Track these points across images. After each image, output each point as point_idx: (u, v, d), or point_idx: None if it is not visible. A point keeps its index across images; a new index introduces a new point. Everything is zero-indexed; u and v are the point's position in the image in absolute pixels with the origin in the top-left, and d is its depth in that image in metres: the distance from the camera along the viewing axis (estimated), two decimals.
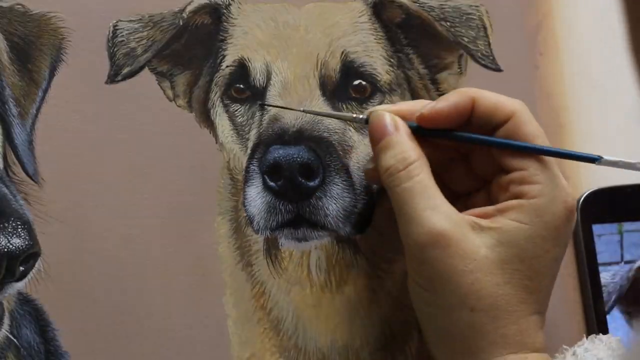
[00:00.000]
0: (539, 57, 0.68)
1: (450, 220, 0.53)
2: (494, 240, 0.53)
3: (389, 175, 0.54)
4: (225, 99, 0.61)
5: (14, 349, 0.55)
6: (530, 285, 0.53)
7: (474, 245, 0.53)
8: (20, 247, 0.49)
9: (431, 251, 0.52)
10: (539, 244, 0.53)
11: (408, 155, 0.54)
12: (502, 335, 0.53)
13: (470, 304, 0.52)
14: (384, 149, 0.55)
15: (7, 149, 0.56)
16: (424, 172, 0.54)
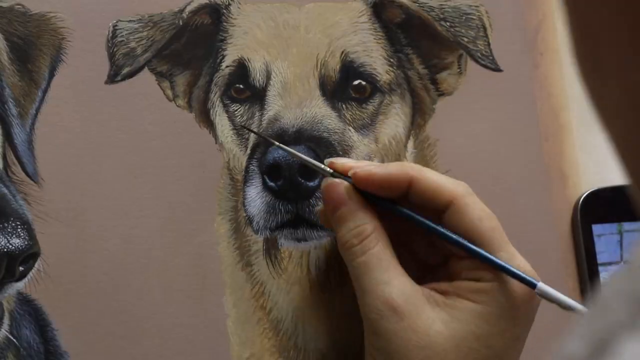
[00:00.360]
0: (539, 57, 0.68)
1: (404, 294, 0.52)
2: (449, 317, 0.52)
3: (345, 250, 0.54)
4: (225, 99, 0.61)
5: (14, 349, 0.55)
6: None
7: (429, 321, 0.52)
8: (20, 247, 0.49)
9: (385, 324, 0.52)
10: (494, 323, 0.52)
11: (363, 229, 0.53)
12: None
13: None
14: (339, 221, 0.54)
15: (7, 148, 0.56)
16: (379, 244, 0.53)
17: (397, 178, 0.54)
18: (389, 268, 0.53)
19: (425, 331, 0.52)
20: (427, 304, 0.53)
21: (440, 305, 0.53)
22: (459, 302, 0.53)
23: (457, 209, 0.53)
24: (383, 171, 0.54)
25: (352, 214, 0.54)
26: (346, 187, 0.54)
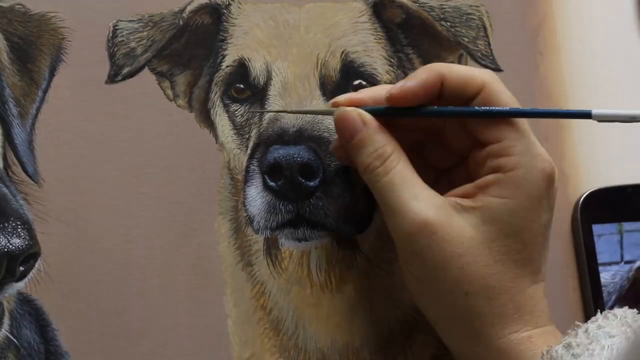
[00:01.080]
0: (539, 57, 0.68)
1: (433, 207, 0.53)
2: (478, 219, 0.53)
3: (368, 173, 0.55)
4: (225, 98, 0.61)
5: (14, 349, 0.55)
6: (521, 258, 0.53)
7: (460, 228, 0.53)
8: (20, 247, 0.49)
9: (418, 240, 0.53)
10: (523, 216, 0.53)
11: (383, 151, 0.54)
12: (499, 315, 0.53)
13: (463, 288, 0.52)
14: (358, 147, 0.55)
15: (7, 149, 0.56)
16: (400, 162, 0.54)
17: (432, 81, 0.54)
18: (414, 184, 0.54)
19: (458, 240, 0.52)
20: (455, 213, 0.53)
21: (467, 211, 0.53)
22: (486, 200, 0.53)
23: (489, 91, 0.54)
24: (416, 81, 0.55)
25: (370, 138, 0.54)
26: (359, 114, 0.55)
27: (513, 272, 0.53)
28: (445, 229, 0.52)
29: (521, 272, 0.53)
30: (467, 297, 0.53)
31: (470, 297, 0.53)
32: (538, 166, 0.54)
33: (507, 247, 0.53)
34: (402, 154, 0.55)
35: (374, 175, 0.54)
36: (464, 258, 0.52)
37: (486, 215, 0.53)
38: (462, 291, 0.53)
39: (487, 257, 0.53)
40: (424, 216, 0.52)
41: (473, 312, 0.53)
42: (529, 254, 0.54)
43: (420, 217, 0.52)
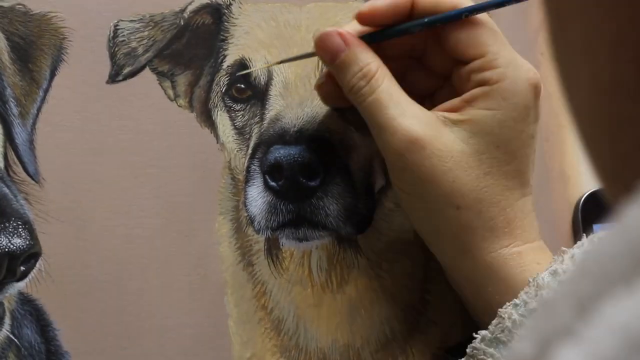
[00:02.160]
0: (540, 57, 0.68)
1: (421, 122, 0.53)
2: (467, 132, 0.53)
3: (354, 93, 0.54)
4: (226, 98, 0.61)
5: (15, 348, 0.55)
6: (510, 169, 0.53)
7: (449, 142, 0.53)
8: (21, 247, 0.49)
9: (408, 156, 0.52)
10: (512, 126, 0.53)
11: (368, 70, 0.54)
12: (490, 228, 0.53)
13: (454, 202, 0.52)
14: (342, 68, 0.54)
15: (8, 148, 0.56)
16: (386, 80, 0.54)
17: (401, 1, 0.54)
18: (400, 100, 0.53)
19: (448, 153, 0.52)
20: (443, 127, 0.53)
21: (456, 124, 0.53)
22: (474, 113, 0.53)
23: None
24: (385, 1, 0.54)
25: (353, 57, 0.54)
26: (340, 33, 0.54)
27: (503, 184, 0.53)
28: (435, 143, 0.52)
29: (511, 184, 0.53)
30: (458, 210, 0.52)
31: (462, 210, 0.52)
32: (523, 76, 0.54)
33: (496, 158, 0.53)
34: (386, 71, 0.54)
35: (360, 95, 0.54)
36: (454, 171, 0.52)
37: (475, 128, 0.53)
38: (453, 205, 0.52)
39: (477, 170, 0.53)
40: (412, 132, 0.52)
41: (465, 225, 0.53)
42: (517, 165, 0.54)
43: (409, 133, 0.52)
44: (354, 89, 0.54)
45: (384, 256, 0.62)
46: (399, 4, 0.54)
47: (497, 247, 0.53)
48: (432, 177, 0.52)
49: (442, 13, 0.54)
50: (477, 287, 0.54)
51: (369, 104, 0.53)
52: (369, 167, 0.60)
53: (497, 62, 0.53)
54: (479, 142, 0.53)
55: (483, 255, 0.53)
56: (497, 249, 0.53)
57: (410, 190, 0.54)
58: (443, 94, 0.57)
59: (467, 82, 0.54)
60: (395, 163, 0.54)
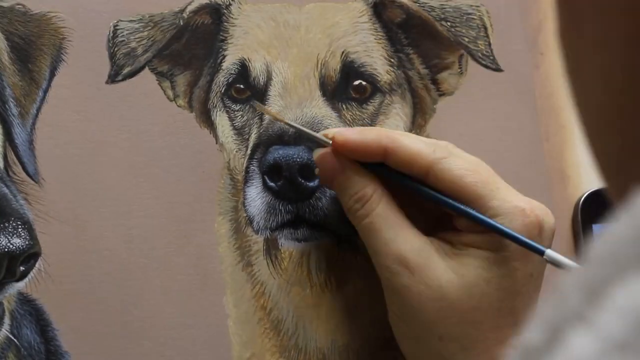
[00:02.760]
0: (539, 57, 0.68)
1: (412, 249, 0.52)
2: (458, 264, 0.52)
3: (351, 215, 0.55)
4: (225, 99, 0.61)
5: (15, 349, 0.55)
6: (503, 307, 0.52)
7: (439, 271, 0.52)
8: (20, 247, 0.49)
9: (398, 280, 0.52)
10: (504, 265, 0.52)
11: (363, 194, 0.54)
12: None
13: (438, 332, 0.52)
14: (339, 190, 0.55)
15: (8, 148, 0.56)
16: (381, 204, 0.54)
17: (372, 147, 0.53)
18: (395, 225, 0.53)
19: (437, 282, 0.52)
20: (436, 255, 0.53)
21: (449, 255, 0.53)
22: (467, 250, 0.53)
23: (435, 174, 0.53)
24: (359, 137, 0.54)
25: (349, 180, 0.54)
26: (337, 158, 0.54)
27: (493, 322, 0.52)
28: (424, 270, 0.52)
29: (502, 323, 0.52)
30: (440, 342, 0.52)
31: (444, 342, 0.52)
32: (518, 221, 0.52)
33: (488, 295, 0.52)
34: (384, 195, 0.54)
35: (355, 218, 0.54)
36: (440, 302, 0.51)
37: (465, 262, 0.52)
38: (436, 335, 0.52)
39: (466, 303, 0.51)
40: (402, 258, 0.52)
41: (446, 358, 0.52)
42: (511, 302, 0.52)
43: (399, 259, 0.52)
44: (350, 210, 0.55)
45: None
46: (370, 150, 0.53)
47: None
48: (419, 304, 0.52)
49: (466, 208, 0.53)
50: None
51: (364, 227, 0.54)
52: None
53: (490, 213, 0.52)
54: (469, 276, 0.52)
55: None
56: None
57: (399, 313, 0.54)
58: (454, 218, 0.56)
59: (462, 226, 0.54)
60: (387, 285, 0.54)
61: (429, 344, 0.52)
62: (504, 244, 0.52)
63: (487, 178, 0.54)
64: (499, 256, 0.52)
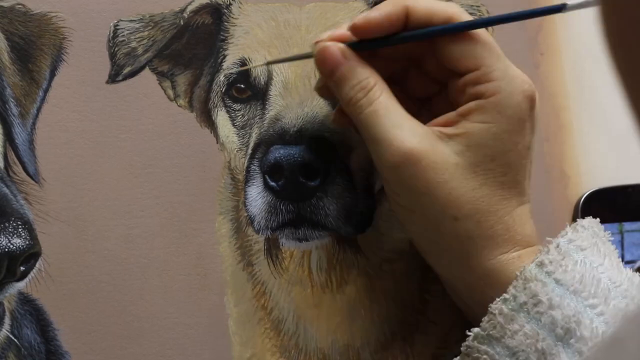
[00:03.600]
0: (539, 57, 0.68)
1: (416, 136, 0.53)
2: (462, 146, 0.53)
3: (352, 105, 0.54)
4: (226, 98, 0.61)
5: (15, 348, 0.55)
6: (507, 180, 0.54)
7: (444, 155, 0.53)
8: (21, 247, 0.49)
9: (404, 169, 0.53)
10: (507, 139, 0.53)
11: (366, 83, 0.54)
12: (490, 237, 0.53)
13: (451, 213, 0.53)
14: (340, 81, 0.55)
15: (8, 148, 0.56)
16: (384, 93, 0.54)
17: (396, 13, 0.54)
18: (397, 113, 0.54)
19: (443, 166, 0.53)
20: (438, 140, 0.53)
21: (451, 138, 0.53)
22: (469, 126, 0.53)
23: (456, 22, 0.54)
24: (379, 13, 0.54)
25: (352, 70, 0.54)
26: (340, 48, 0.55)
27: (500, 194, 0.53)
28: (430, 156, 0.53)
29: (508, 194, 0.54)
30: (456, 221, 0.53)
31: (459, 221, 0.53)
32: (518, 88, 0.54)
33: (492, 170, 0.53)
34: (384, 85, 0.54)
35: (357, 107, 0.54)
36: (450, 184, 0.53)
37: (470, 141, 0.53)
38: (451, 216, 0.53)
39: (473, 181, 0.53)
40: (408, 145, 0.52)
41: (463, 236, 0.53)
42: (514, 175, 0.54)
43: (404, 146, 0.52)
44: (351, 101, 0.54)
45: (384, 256, 0.62)
46: (393, 15, 0.54)
47: (497, 254, 0.53)
48: (428, 190, 0.53)
49: (437, 26, 0.54)
50: (477, 294, 0.54)
51: (366, 116, 0.54)
52: (369, 167, 0.60)
53: (492, 75, 0.54)
54: (474, 155, 0.53)
55: (483, 262, 0.53)
56: (496, 256, 0.53)
57: (407, 204, 0.54)
58: (441, 101, 0.58)
59: (462, 94, 0.55)
60: (391, 176, 0.54)
61: (444, 226, 0.53)
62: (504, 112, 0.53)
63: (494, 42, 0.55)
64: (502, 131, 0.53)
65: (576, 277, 0.51)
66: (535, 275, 0.51)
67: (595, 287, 0.51)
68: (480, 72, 0.54)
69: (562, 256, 0.52)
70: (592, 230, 0.55)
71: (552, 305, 0.50)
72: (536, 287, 0.51)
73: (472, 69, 0.54)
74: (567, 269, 0.51)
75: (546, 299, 0.50)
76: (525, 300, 0.51)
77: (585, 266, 0.52)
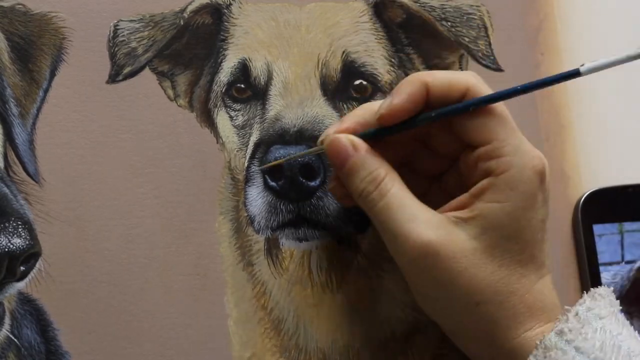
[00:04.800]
0: (539, 57, 0.68)
1: (432, 227, 0.53)
2: (478, 229, 0.53)
3: (363, 198, 0.54)
4: (226, 98, 0.61)
5: (15, 348, 0.55)
6: (524, 258, 0.53)
7: (461, 242, 0.53)
8: (21, 247, 0.49)
9: (423, 262, 0.52)
10: (521, 216, 0.53)
11: (377, 174, 0.54)
12: (512, 317, 0.53)
13: (473, 299, 0.52)
14: (350, 173, 0.54)
15: (8, 148, 0.56)
16: (395, 184, 0.54)
17: (418, 92, 0.54)
18: (411, 205, 0.53)
19: (461, 254, 0.52)
20: (454, 227, 0.53)
21: (466, 222, 0.53)
22: (482, 207, 0.53)
23: (473, 93, 0.54)
24: (402, 97, 0.54)
25: (361, 162, 0.54)
26: (349, 139, 0.54)
27: (519, 272, 0.53)
28: (448, 246, 0.52)
29: (526, 271, 0.53)
30: (478, 306, 0.53)
31: (481, 306, 0.53)
32: (529, 164, 0.53)
33: (509, 250, 0.53)
34: (395, 176, 0.54)
35: (369, 201, 0.54)
36: (469, 270, 0.52)
37: (485, 223, 0.53)
38: (473, 302, 0.53)
39: (492, 264, 0.53)
40: (425, 237, 0.52)
41: (486, 319, 0.53)
42: (530, 251, 0.54)
43: (421, 239, 0.52)
44: (363, 193, 0.54)
45: (384, 256, 0.62)
46: (416, 96, 0.54)
47: (521, 332, 0.53)
48: (449, 279, 0.52)
49: (450, 106, 0.54)
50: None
51: (379, 210, 0.53)
52: None
53: (503, 150, 0.53)
54: (490, 237, 0.53)
55: (507, 342, 0.53)
56: (520, 334, 0.53)
57: (428, 292, 0.54)
58: (451, 177, 0.57)
59: (474, 170, 0.54)
60: (410, 269, 0.54)
61: (466, 312, 0.53)
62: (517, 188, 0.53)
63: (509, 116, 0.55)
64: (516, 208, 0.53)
65: (596, 345, 0.51)
66: (555, 344, 0.51)
67: (616, 354, 0.51)
68: (492, 146, 0.53)
69: (581, 324, 0.52)
70: (608, 299, 0.54)
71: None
72: (556, 356, 0.51)
73: (484, 143, 0.54)
74: (587, 336, 0.51)
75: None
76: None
77: (605, 334, 0.52)
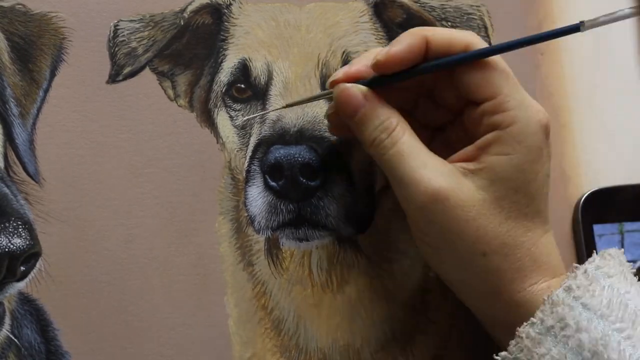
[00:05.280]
0: (539, 57, 0.68)
1: (442, 174, 0.53)
2: (486, 180, 0.53)
3: (375, 146, 0.55)
4: (226, 98, 0.61)
5: (15, 348, 0.55)
6: (530, 211, 0.54)
7: (470, 192, 0.53)
8: (21, 247, 0.49)
9: (432, 209, 0.53)
10: (528, 169, 0.54)
11: (389, 123, 0.54)
12: (518, 269, 0.53)
13: (480, 249, 0.53)
14: (362, 123, 0.55)
15: (8, 148, 0.56)
16: (406, 133, 0.54)
17: (417, 44, 0.54)
18: (422, 153, 0.54)
19: (470, 203, 0.53)
20: (463, 177, 0.54)
21: (474, 173, 0.54)
22: (490, 160, 0.54)
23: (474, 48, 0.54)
24: (400, 46, 0.54)
25: (373, 111, 0.55)
26: (360, 89, 0.55)
27: (525, 225, 0.54)
28: (457, 194, 0.53)
29: (532, 225, 0.54)
30: (485, 257, 0.53)
31: (488, 256, 0.53)
32: (534, 117, 0.54)
33: (516, 202, 0.54)
34: (406, 125, 0.55)
35: (381, 148, 0.54)
36: (477, 220, 0.53)
37: (492, 175, 0.53)
38: (480, 252, 0.53)
39: (499, 216, 0.53)
40: (436, 184, 0.53)
41: (493, 270, 0.53)
42: (537, 205, 0.54)
43: (432, 185, 0.53)
44: (375, 141, 0.54)
45: (384, 256, 0.62)
46: (414, 47, 0.54)
47: (526, 286, 0.54)
48: (457, 228, 0.53)
49: (454, 55, 0.54)
50: (508, 325, 0.54)
51: (391, 157, 0.54)
52: (369, 167, 0.60)
53: (508, 105, 0.54)
54: (498, 189, 0.53)
55: (513, 295, 0.54)
56: (525, 288, 0.54)
57: (436, 243, 0.55)
58: (454, 130, 0.58)
59: (479, 124, 0.55)
60: (419, 216, 0.54)
61: (473, 263, 0.54)
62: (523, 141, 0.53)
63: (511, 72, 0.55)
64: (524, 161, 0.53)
65: (603, 302, 0.51)
66: (562, 300, 0.51)
67: (623, 311, 0.51)
68: (497, 101, 0.54)
69: (589, 281, 0.52)
70: (618, 260, 0.55)
71: (579, 328, 0.50)
72: (563, 311, 0.51)
73: (489, 98, 0.54)
74: (594, 293, 0.52)
75: (573, 323, 0.50)
76: (552, 324, 0.51)
77: (613, 291, 0.52)
